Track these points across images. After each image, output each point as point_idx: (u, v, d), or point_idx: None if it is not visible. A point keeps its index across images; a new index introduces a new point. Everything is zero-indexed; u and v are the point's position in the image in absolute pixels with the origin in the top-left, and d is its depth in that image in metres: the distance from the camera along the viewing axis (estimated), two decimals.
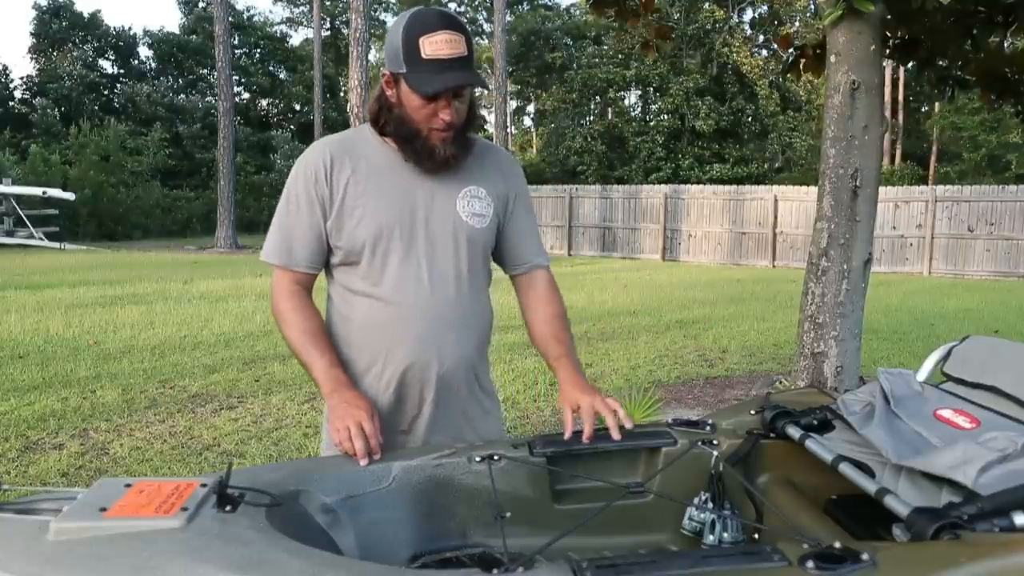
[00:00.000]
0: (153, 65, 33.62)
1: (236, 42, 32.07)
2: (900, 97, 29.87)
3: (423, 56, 1.55)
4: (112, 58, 32.66)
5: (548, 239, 20.25)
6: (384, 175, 1.69)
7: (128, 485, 1.22)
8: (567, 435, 1.59)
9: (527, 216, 1.85)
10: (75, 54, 30.81)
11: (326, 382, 1.61)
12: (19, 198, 20.55)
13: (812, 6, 26.57)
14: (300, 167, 1.70)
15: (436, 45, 1.55)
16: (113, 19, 67.45)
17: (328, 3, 34.55)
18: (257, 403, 5.38)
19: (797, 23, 28.67)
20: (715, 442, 1.60)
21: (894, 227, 16.72)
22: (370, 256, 1.68)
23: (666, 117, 28.31)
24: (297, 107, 35.78)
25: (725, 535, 1.49)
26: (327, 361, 1.64)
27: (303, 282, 1.73)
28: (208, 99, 31.85)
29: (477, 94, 1.74)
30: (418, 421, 1.74)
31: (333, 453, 1.70)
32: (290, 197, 1.71)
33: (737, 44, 28.01)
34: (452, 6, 37.89)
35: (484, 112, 28.96)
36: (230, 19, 23.22)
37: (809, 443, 1.51)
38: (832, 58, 4.61)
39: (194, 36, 32.91)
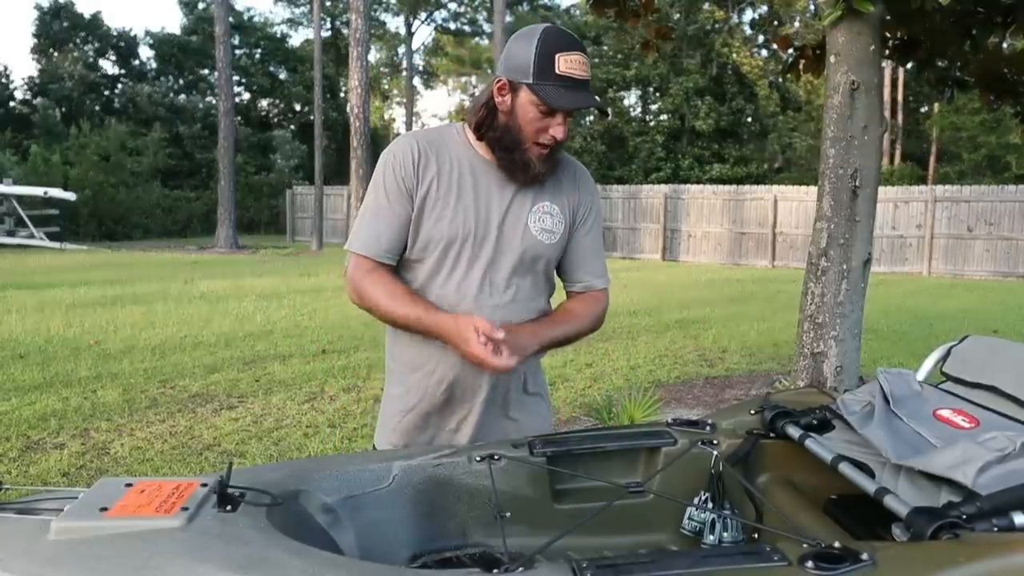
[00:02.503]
0: (154, 65, 33.59)
1: (236, 42, 32.03)
2: (900, 97, 29.83)
3: (557, 71, 1.59)
4: (113, 58, 32.63)
5: None
6: (466, 179, 1.72)
7: (129, 485, 1.23)
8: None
9: (594, 235, 1.86)
10: (76, 55, 30.79)
11: (435, 327, 1.65)
12: (20, 198, 20.55)
13: (812, 6, 26.58)
14: (388, 158, 1.72)
15: (571, 64, 1.59)
16: (114, 20, 67.55)
17: (328, 3, 34.54)
18: (257, 403, 5.38)
19: (797, 23, 28.66)
20: (715, 442, 1.60)
21: (894, 227, 16.72)
22: (439, 256, 1.71)
23: (666, 117, 28.27)
24: (297, 107, 35.74)
25: (725, 535, 1.49)
26: (421, 309, 1.67)
27: (380, 271, 1.76)
28: (208, 99, 31.82)
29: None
30: (466, 421, 1.76)
31: (387, 447, 1.76)
32: (378, 188, 1.72)
33: (737, 44, 28.00)
34: (452, 6, 37.90)
35: None
36: (230, 20, 23.22)
37: (809, 443, 1.51)
38: (832, 58, 4.61)
39: (194, 36, 32.87)
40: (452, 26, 38.97)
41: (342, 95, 33.64)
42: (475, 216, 1.70)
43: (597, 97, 1.67)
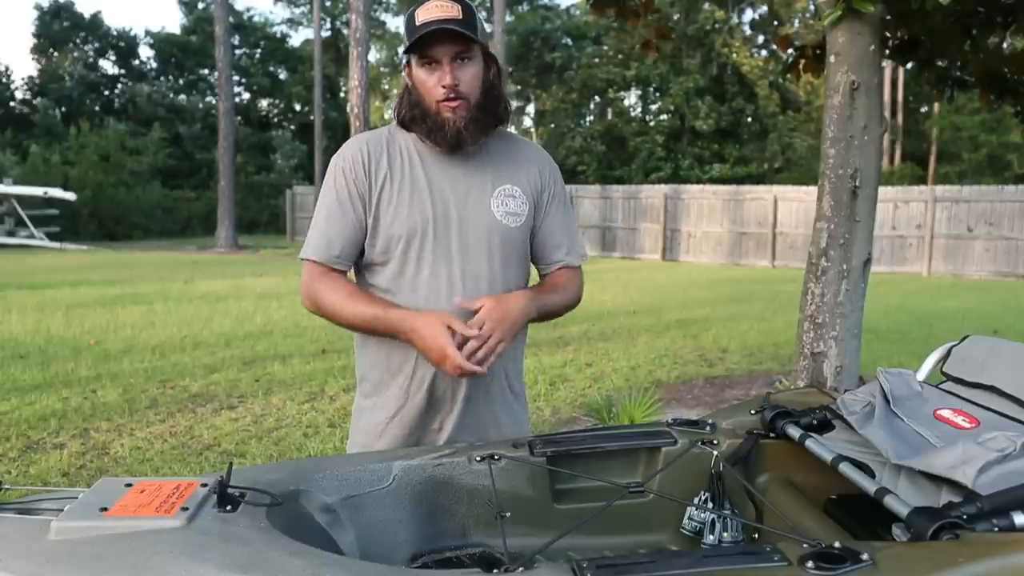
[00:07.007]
0: (154, 65, 33.62)
1: (236, 42, 32.04)
2: (900, 97, 29.85)
3: (416, 24, 1.61)
4: (113, 58, 32.67)
5: None
6: (419, 172, 1.70)
7: (129, 485, 1.23)
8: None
9: (561, 214, 1.83)
10: (76, 54, 30.83)
11: (394, 323, 1.61)
12: (20, 198, 20.56)
13: (812, 6, 26.56)
14: (338, 163, 1.72)
15: (427, 11, 1.61)
16: (114, 20, 67.49)
17: (328, 3, 34.53)
18: (257, 403, 5.38)
19: (797, 23, 28.67)
20: (715, 442, 1.60)
21: (894, 227, 16.71)
22: (402, 255, 1.68)
23: (666, 117, 28.30)
24: (297, 107, 35.75)
25: (725, 535, 1.49)
26: (379, 308, 1.64)
27: (333, 274, 1.73)
28: (208, 99, 31.85)
29: (491, 74, 1.73)
30: (448, 421, 1.74)
31: (359, 450, 1.73)
32: (329, 193, 1.71)
33: (737, 44, 28.01)
34: None
35: None
36: (230, 20, 23.21)
37: (809, 443, 1.51)
38: (832, 58, 4.61)
39: (194, 36, 32.90)
40: None
41: (342, 95, 33.63)
42: (432, 207, 1.68)
43: (458, 27, 1.60)
